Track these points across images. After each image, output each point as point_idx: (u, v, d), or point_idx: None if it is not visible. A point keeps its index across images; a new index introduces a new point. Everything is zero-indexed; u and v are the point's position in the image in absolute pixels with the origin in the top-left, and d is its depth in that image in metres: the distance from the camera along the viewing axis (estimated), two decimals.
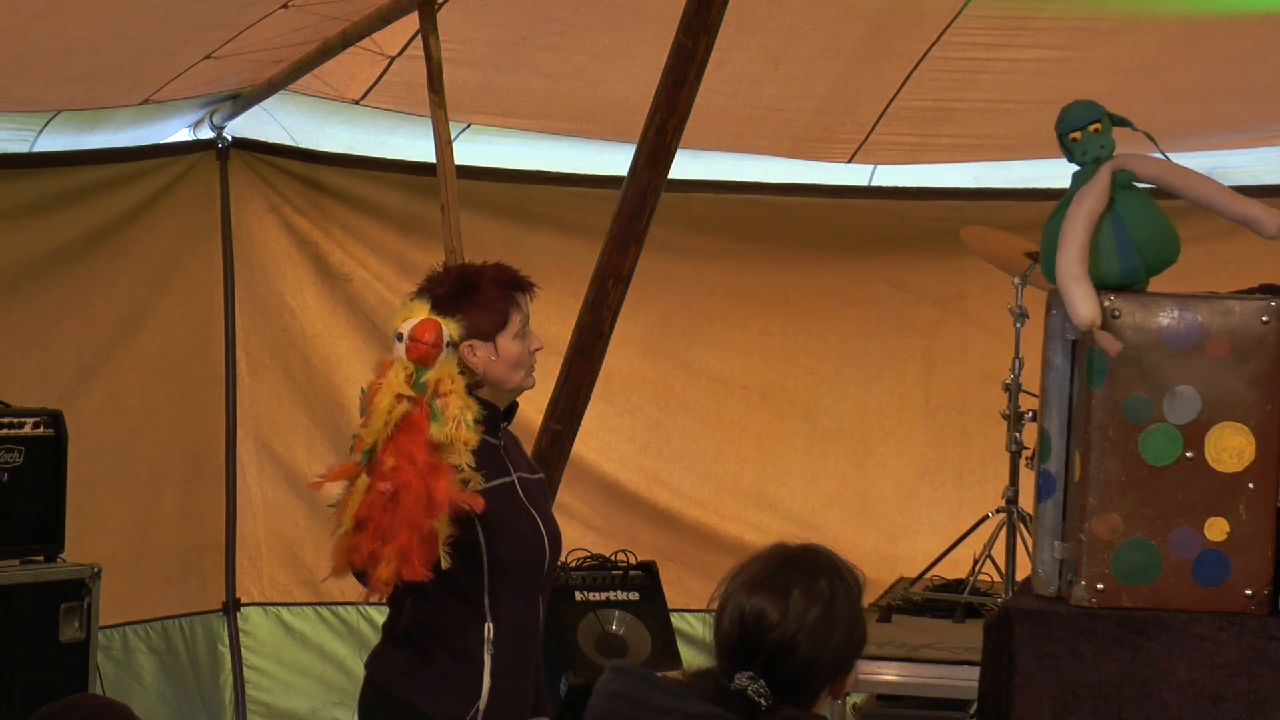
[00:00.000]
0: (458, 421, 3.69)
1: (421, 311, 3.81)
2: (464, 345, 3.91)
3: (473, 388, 3.95)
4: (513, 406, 4.05)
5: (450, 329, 3.79)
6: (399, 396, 3.70)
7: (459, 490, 3.71)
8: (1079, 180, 4.04)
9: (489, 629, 3.87)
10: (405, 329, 3.77)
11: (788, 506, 7.79)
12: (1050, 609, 3.97)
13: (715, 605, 2.77)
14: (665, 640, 7.02)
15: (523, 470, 4.04)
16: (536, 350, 3.99)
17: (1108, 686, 3.88)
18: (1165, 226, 4.03)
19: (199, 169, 7.28)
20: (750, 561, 2.76)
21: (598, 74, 6.73)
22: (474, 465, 3.74)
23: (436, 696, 3.88)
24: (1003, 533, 6.25)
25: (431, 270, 4.07)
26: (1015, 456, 6.24)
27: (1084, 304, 3.85)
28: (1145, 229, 3.99)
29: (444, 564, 3.71)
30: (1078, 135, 4.06)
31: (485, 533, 3.86)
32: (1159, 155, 4.10)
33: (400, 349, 3.78)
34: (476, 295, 3.95)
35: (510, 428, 4.07)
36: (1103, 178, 3.99)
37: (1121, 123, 4.07)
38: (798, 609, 2.67)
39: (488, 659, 3.87)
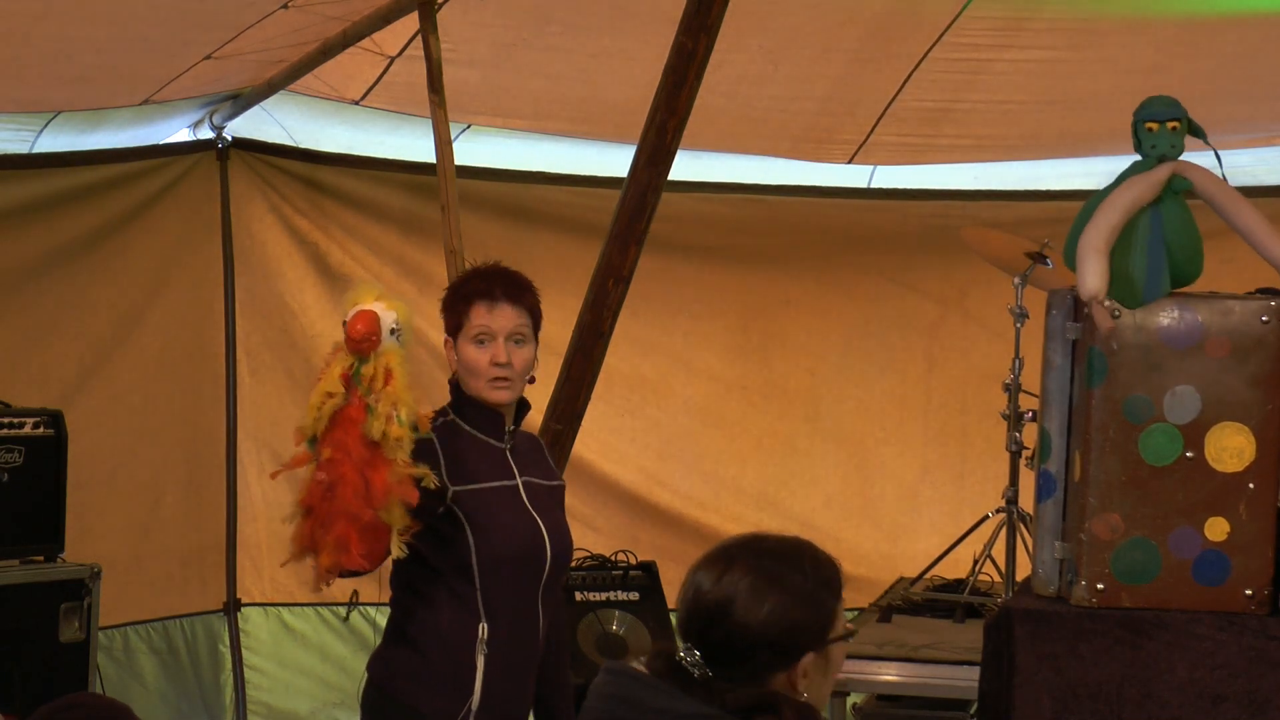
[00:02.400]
0: (389, 418, 3.65)
1: (366, 296, 3.76)
2: (445, 340, 3.98)
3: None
4: (522, 410, 4.03)
5: (399, 315, 3.73)
6: (328, 394, 3.68)
7: (401, 484, 3.67)
8: (1135, 170, 4.02)
9: (483, 629, 3.87)
10: (348, 317, 3.73)
11: (788, 506, 7.79)
12: (1050, 609, 3.97)
13: None
14: (665, 640, 7.02)
15: (535, 476, 4.02)
16: (498, 364, 3.90)
17: (1108, 686, 3.88)
18: (1197, 241, 4.03)
19: (199, 169, 7.28)
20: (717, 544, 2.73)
21: (598, 74, 6.73)
22: (412, 461, 3.69)
23: (429, 695, 3.89)
24: (1003, 533, 6.24)
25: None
26: (1015, 456, 6.23)
27: (1094, 276, 3.85)
28: (1180, 235, 3.98)
29: (395, 553, 3.70)
30: (1154, 126, 4.02)
31: (475, 533, 3.86)
32: (1215, 173, 4.09)
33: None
34: (451, 292, 4.01)
35: (525, 431, 4.06)
36: (1161, 173, 3.97)
37: (1198, 133, 4.06)
38: (733, 577, 2.62)
39: (481, 659, 3.87)
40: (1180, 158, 4.04)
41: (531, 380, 4.00)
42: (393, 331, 3.72)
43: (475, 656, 3.86)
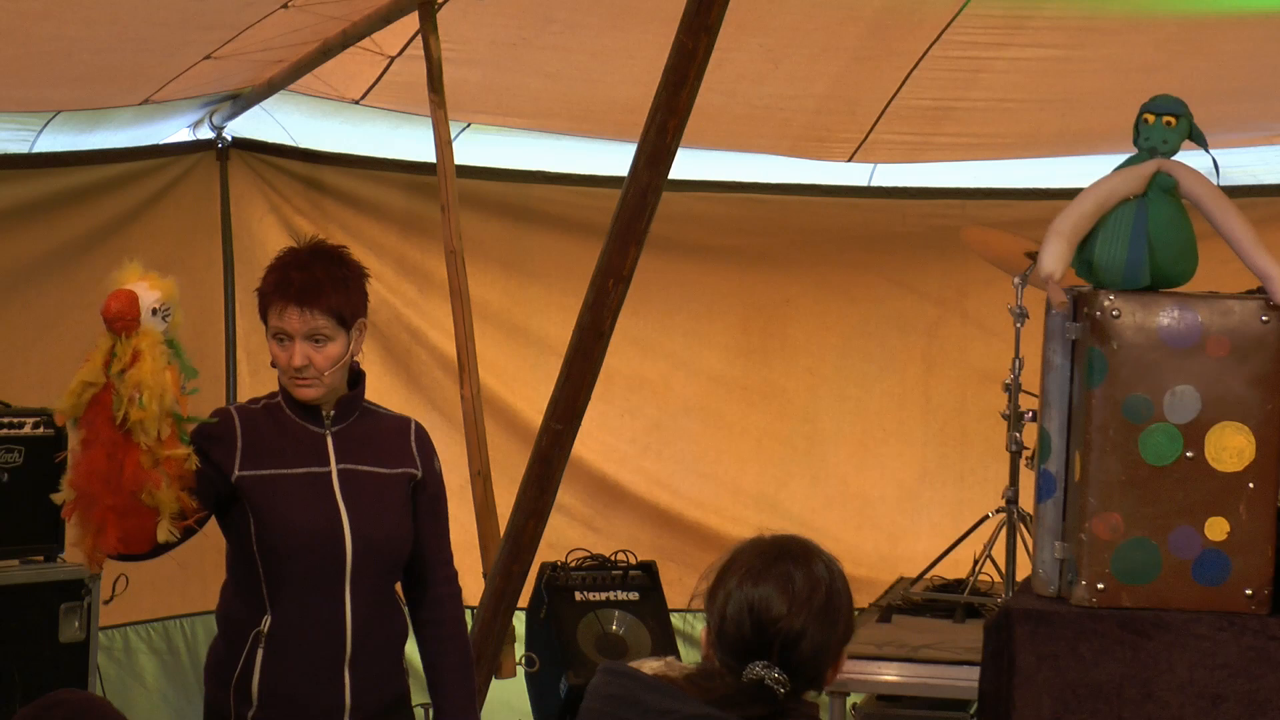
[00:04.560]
0: (131, 400, 3.51)
1: (129, 276, 3.61)
2: None
3: None
4: (355, 386, 3.83)
5: (164, 294, 3.58)
6: (86, 384, 3.55)
7: (161, 466, 3.53)
8: (1129, 164, 4.04)
9: (266, 621, 3.76)
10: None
11: (788, 507, 7.78)
12: (1050, 609, 3.97)
13: (698, 603, 2.74)
14: (665, 640, 7.01)
15: (364, 463, 3.81)
16: (296, 366, 3.71)
17: (1108, 686, 3.88)
18: (1188, 242, 4.02)
19: (199, 169, 7.28)
20: (740, 553, 2.73)
21: (598, 74, 6.73)
22: (184, 441, 3.56)
23: (216, 685, 3.84)
24: (1003, 533, 6.25)
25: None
26: (1015, 456, 6.23)
27: (1052, 258, 3.92)
28: (1165, 232, 3.98)
29: (161, 537, 3.60)
30: (1150, 117, 4.04)
31: (255, 520, 3.74)
32: (1209, 177, 4.10)
33: None
34: (262, 278, 3.80)
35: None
36: (1146, 168, 3.99)
37: (1197, 138, 4.07)
38: (803, 596, 2.67)
39: (260, 652, 3.76)
40: (1174, 158, 4.04)
41: (355, 365, 3.81)
42: (155, 311, 3.58)
43: (255, 649, 3.76)
